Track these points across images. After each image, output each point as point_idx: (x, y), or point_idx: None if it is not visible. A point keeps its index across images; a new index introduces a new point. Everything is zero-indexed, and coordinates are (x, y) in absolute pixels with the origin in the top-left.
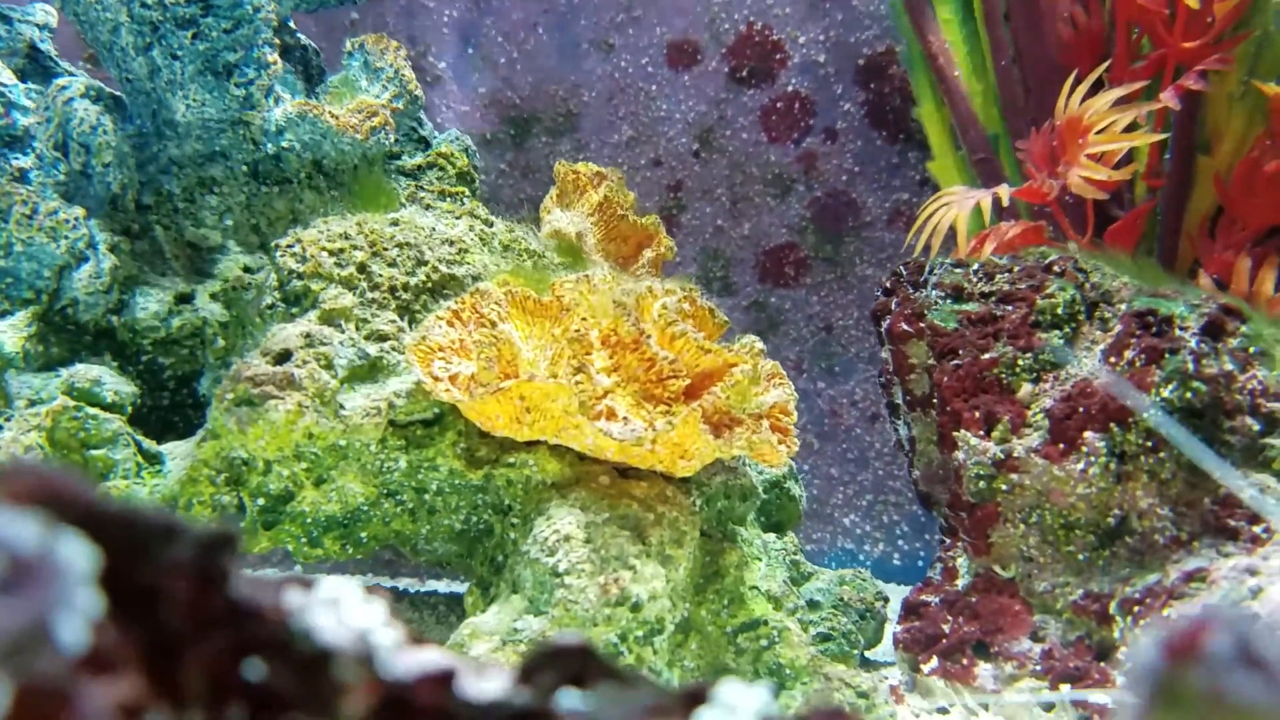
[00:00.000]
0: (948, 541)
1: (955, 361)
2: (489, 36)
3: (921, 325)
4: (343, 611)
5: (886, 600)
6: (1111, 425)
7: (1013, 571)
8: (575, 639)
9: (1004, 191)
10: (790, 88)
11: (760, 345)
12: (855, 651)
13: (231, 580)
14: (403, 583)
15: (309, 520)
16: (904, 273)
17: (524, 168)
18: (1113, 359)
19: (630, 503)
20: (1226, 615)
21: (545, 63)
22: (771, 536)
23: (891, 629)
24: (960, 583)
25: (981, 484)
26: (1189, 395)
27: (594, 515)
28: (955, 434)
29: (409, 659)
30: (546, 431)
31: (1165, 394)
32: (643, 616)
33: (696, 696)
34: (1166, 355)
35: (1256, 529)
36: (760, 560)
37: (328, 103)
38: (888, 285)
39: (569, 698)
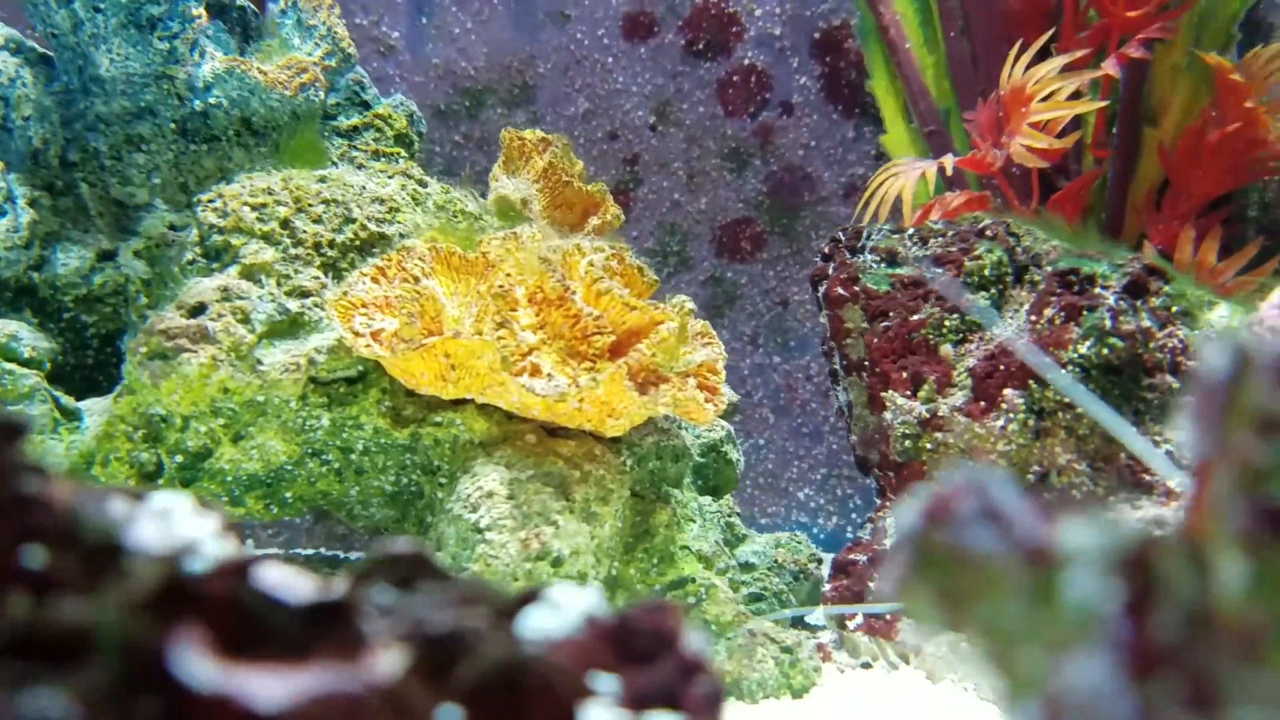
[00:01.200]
0: (878, 502)
1: (885, 323)
2: (443, 6)
3: (856, 289)
4: (172, 521)
5: (820, 561)
6: (1030, 382)
7: None
8: (410, 545)
9: (948, 161)
10: (746, 61)
11: (690, 305)
12: (786, 610)
13: (17, 471)
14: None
15: (229, 478)
16: (842, 238)
17: (479, 139)
18: (1033, 317)
19: (556, 460)
20: (977, 479)
21: (500, 33)
22: (708, 499)
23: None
24: (888, 541)
25: (908, 443)
26: (1105, 351)
27: (519, 472)
28: (883, 395)
29: (215, 558)
30: (472, 389)
31: (1083, 350)
32: (564, 572)
33: (528, 598)
34: (1085, 312)
35: (1171, 483)
36: (694, 522)
37: (259, 60)
38: (826, 251)
39: (383, 594)
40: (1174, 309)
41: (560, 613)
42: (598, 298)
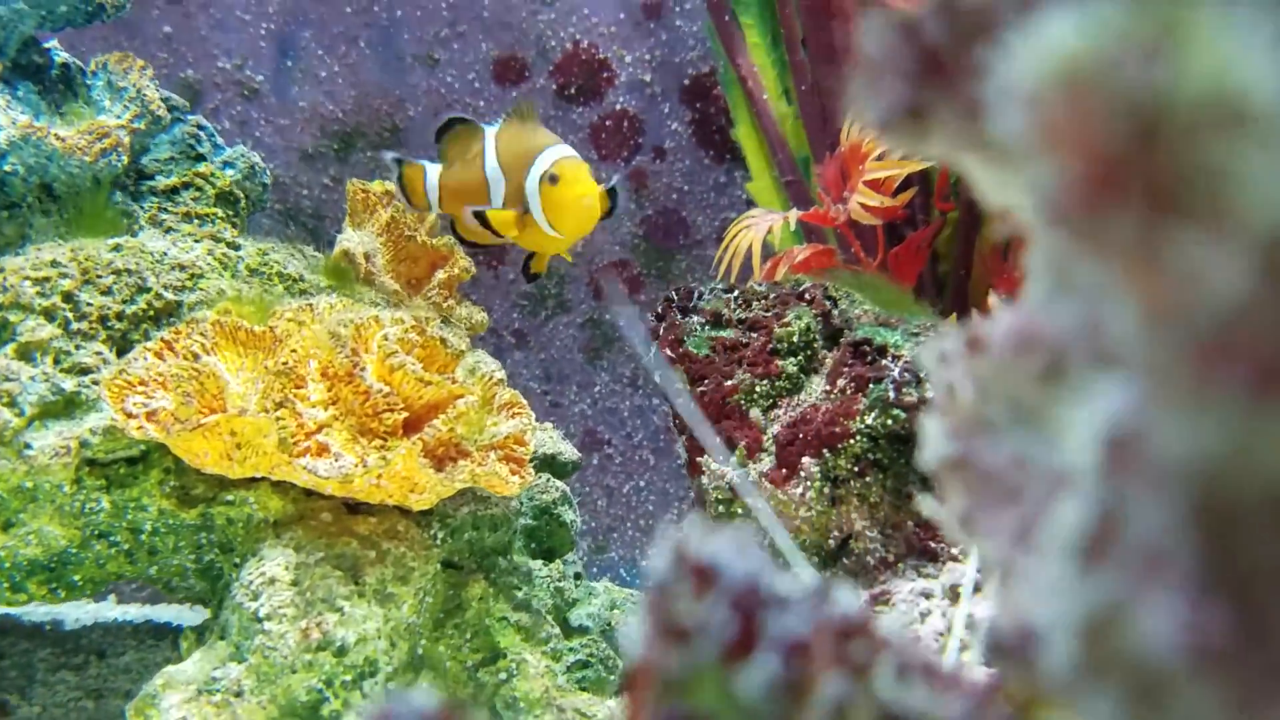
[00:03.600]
0: None
1: (702, 388)
2: (308, 50)
3: (681, 351)
4: None
5: None
6: (824, 451)
7: None
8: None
9: (793, 216)
10: (618, 106)
11: (500, 375)
12: (613, 677)
13: None
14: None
15: (6, 565)
16: (675, 298)
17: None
18: (828, 387)
19: (350, 540)
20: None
21: (368, 76)
22: (539, 564)
23: None
24: None
25: (721, 508)
26: (889, 422)
27: (307, 556)
28: (699, 459)
29: None
30: (260, 468)
31: (869, 421)
32: (349, 660)
33: None
34: (871, 384)
35: (954, 550)
36: (519, 590)
37: (63, 124)
38: (659, 310)
39: None
40: None
41: None
42: (391, 372)
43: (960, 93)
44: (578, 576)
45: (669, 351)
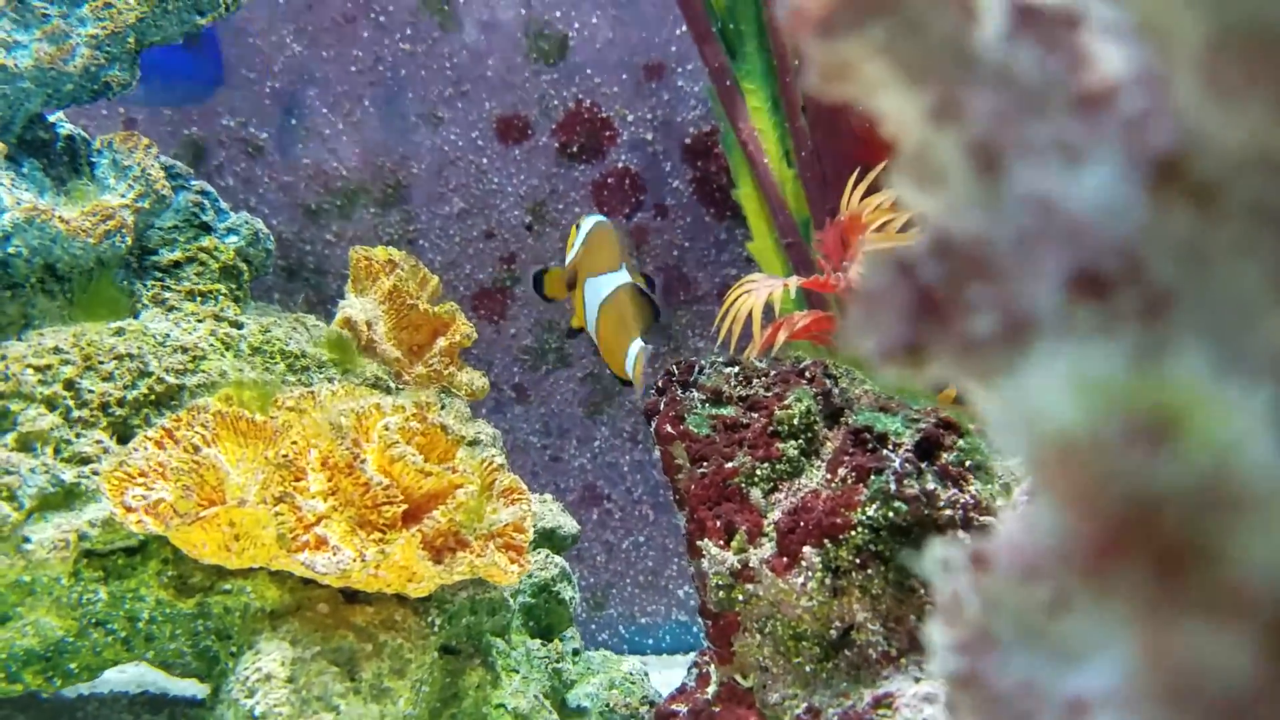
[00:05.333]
0: (705, 645)
1: (702, 469)
2: (313, 107)
3: (682, 428)
4: None
5: (653, 704)
6: (825, 541)
7: (751, 681)
8: None
9: (793, 283)
10: (620, 164)
11: (499, 460)
12: None
13: None
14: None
15: (2, 657)
16: (675, 372)
17: (351, 238)
18: (828, 475)
19: (346, 633)
20: None
21: (372, 134)
22: (537, 643)
23: None
24: (710, 690)
25: (721, 594)
26: (891, 515)
27: (303, 650)
28: (699, 543)
29: None
30: (259, 559)
31: (870, 513)
32: None
33: None
34: (872, 475)
35: None
36: (517, 673)
37: (68, 202)
38: (660, 384)
39: None
40: (967, 464)
41: None
42: (391, 463)
43: (956, 331)
44: (575, 652)
45: (669, 428)
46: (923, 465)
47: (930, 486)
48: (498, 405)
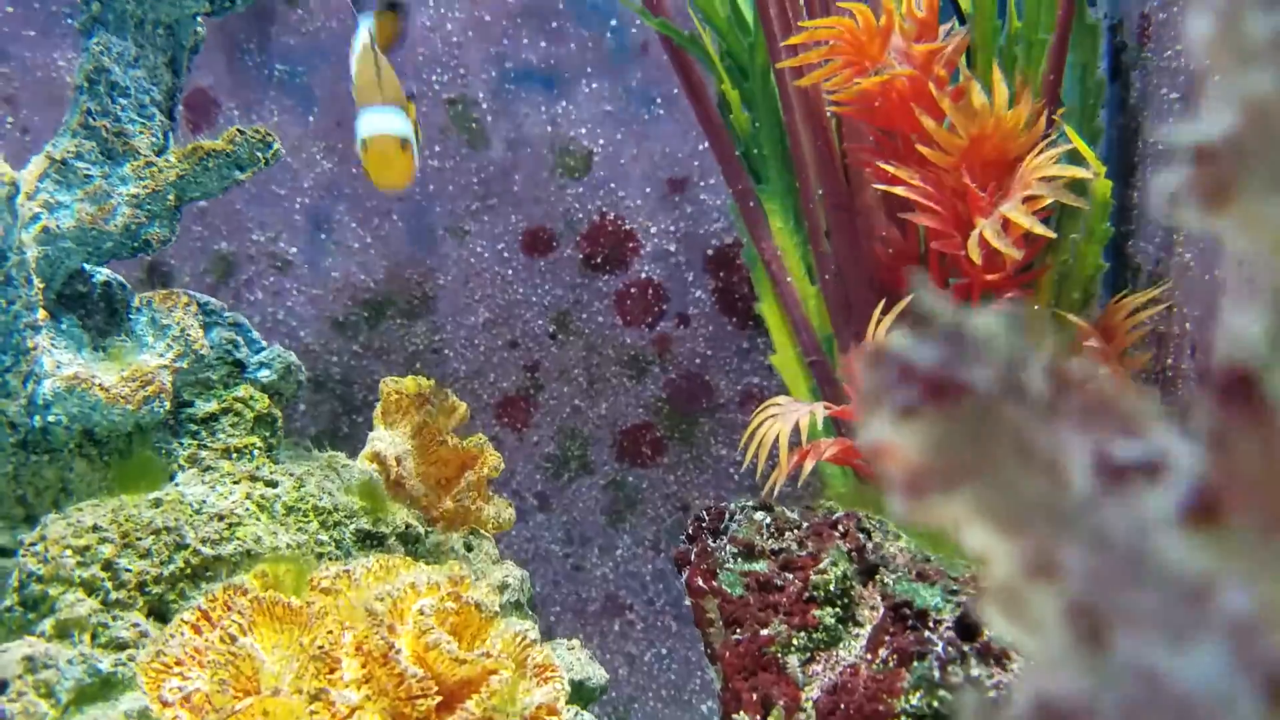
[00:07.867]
0: None
1: (737, 635)
2: (341, 222)
3: (715, 584)
4: None
5: None
6: None
7: None
8: None
9: (820, 411)
10: (643, 275)
11: (533, 635)
12: None
13: None
14: None
15: None
16: (705, 519)
17: (377, 350)
18: (869, 655)
19: None
20: None
21: (399, 247)
22: None
23: None
24: None
25: None
26: (935, 704)
27: None
28: (734, 717)
29: None
30: None
31: (914, 701)
32: None
33: None
34: (915, 661)
35: None
36: None
37: (106, 362)
38: (690, 531)
39: None
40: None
41: None
42: (426, 650)
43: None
44: None
45: (701, 582)
46: (965, 649)
47: (974, 673)
48: (519, 514)
